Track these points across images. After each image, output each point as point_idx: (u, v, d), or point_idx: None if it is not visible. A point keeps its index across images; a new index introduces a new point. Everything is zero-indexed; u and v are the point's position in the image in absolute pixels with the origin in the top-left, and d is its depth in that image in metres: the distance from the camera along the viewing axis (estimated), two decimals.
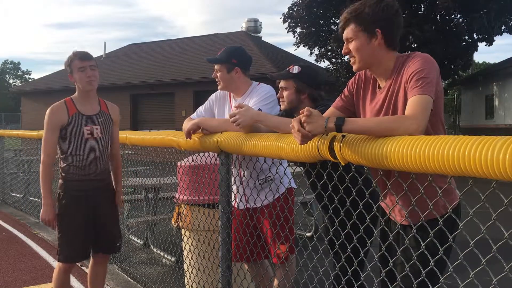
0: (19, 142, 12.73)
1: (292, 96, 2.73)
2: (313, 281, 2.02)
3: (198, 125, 2.72)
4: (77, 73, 3.12)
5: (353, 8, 1.98)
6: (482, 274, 1.29)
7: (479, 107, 19.56)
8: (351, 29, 1.97)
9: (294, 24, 18.95)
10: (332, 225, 2.63)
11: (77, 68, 3.11)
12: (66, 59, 3.19)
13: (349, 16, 1.97)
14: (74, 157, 3.15)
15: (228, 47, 3.09)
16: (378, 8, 1.94)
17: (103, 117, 3.26)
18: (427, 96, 1.75)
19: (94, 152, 3.19)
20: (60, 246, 3.18)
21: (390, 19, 1.97)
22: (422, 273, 1.52)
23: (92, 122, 3.19)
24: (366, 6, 1.95)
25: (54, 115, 3.14)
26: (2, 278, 4.49)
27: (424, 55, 1.90)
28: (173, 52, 22.85)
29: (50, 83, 23.99)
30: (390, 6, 1.96)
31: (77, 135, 3.14)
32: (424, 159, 1.31)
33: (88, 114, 3.20)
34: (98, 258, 3.35)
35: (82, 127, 3.15)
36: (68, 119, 3.13)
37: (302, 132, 1.71)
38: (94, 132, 3.19)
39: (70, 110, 3.15)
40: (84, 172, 3.17)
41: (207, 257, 3.25)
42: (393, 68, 1.96)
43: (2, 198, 8.94)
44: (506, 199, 1.15)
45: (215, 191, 2.78)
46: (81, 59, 3.13)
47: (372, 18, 1.93)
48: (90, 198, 3.17)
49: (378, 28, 1.94)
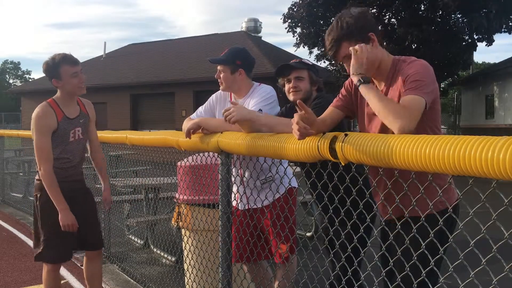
0: (19, 142, 12.75)
1: (308, 87, 2.77)
2: (313, 281, 2.02)
3: (198, 124, 2.72)
4: (69, 79, 3.07)
5: (335, 29, 1.96)
6: (482, 274, 1.29)
7: (479, 107, 19.56)
8: (347, 46, 1.95)
9: (294, 24, 18.96)
10: (332, 225, 2.63)
11: (69, 73, 3.06)
12: (49, 62, 3.07)
13: (337, 37, 1.95)
14: (59, 160, 3.12)
15: (233, 48, 3.07)
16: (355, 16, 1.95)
17: (83, 118, 3.26)
18: (420, 97, 1.76)
19: (77, 153, 3.21)
20: (46, 247, 3.13)
21: (371, 21, 1.99)
22: (422, 272, 1.52)
23: (75, 124, 3.18)
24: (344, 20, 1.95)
25: (43, 120, 3.05)
26: (2, 278, 4.49)
27: (421, 61, 1.92)
28: (173, 52, 22.84)
29: (50, 83, 23.91)
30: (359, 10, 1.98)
31: (63, 139, 3.12)
32: (425, 159, 1.31)
33: (72, 117, 3.18)
34: (90, 255, 3.39)
35: (69, 131, 3.14)
36: (58, 124, 3.08)
37: (300, 125, 1.75)
38: (76, 134, 3.18)
39: (58, 114, 3.10)
40: (66, 173, 3.16)
41: (207, 257, 3.25)
42: (389, 71, 1.97)
43: (2, 198, 8.93)
44: (506, 199, 1.15)
45: (215, 191, 2.78)
46: (73, 64, 3.07)
47: (359, 25, 1.93)
48: (72, 199, 3.14)
49: (369, 32, 1.95)
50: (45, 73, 3.13)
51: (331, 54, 2.02)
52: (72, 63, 3.07)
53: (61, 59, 3.06)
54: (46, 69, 3.10)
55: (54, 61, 3.06)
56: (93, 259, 3.40)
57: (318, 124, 1.91)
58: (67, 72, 3.05)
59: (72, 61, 3.08)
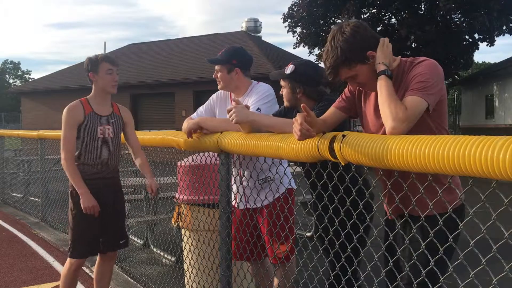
0: (19, 142, 12.74)
1: (289, 95, 2.77)
2: (313, 281, 2.02)
3: (199, 124, 2.72)
4: (104, 75, 3.28)
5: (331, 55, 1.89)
6: (482, 274, 1.29)
7: (479, 107, 19.57)
8: (346, 71, 1.92)
9: (294, 24, 18.97)
10: (332, 225, 2.63)
11: (105, 69, 3.27)
12: (92, 58, 3.31)
13: (335, 63, 1.90)
14: (87, 155, 3.27)
15: (229, 47, 3.10)
16: (350, 37, 1.87)
17: (115, 118, 3.41)
18: (421, 99, 1.74)
19: (106, 151, 3.32)
20: (73, 242, 3.27)
21: (366, 38, 1.90)
22: (422, 272, 1.52)
23: (105, 122, 3.34)
24: (338, 44, 1.87)
25: (71, 113, 3.26)
26: (2, 278, 4.49)
27: (431, 61, 1.88)
28: (173, 52, 22.84)
29: (50, 83, 23.98)
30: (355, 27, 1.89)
31: (91, 133, 3.27)
32: (424, 159, 1.31)
33: (102, 114, 3.35)
34: (105, 256, 3.44)
35: (96, 126, 3.30)
36: (84, 118, 3.27)
37: (303, 126, 1.75)
38: (106, 132, 3.33)
39: (86, 109, 3.30)
40: (95, 170, 3.30)
41: (207, 257, 3.25)
42: (397, 72, 1.94)
43: (2, 198, 8.94)
44: (506, 199, 1.15)
45: (215, 191, 2.78)
46: (112, 63, 3.31)
47: (355, 49, 1.88)
48: (101, 195, 3.26)
49: (367, 51, 1.90)
50: (86, 67, 3.33)
51: (331, 79, 1.97)
52: (111, 61, 3.31)
53: (103, 57, 3.33)
54: (88, 63, 3.31)
55: (97, 57, 3.31)
56: (106, 259, 3.45)
57: (319, 125, 1.91)
58: (104, 68, 3.27)
59: (112, 60, 3.33)
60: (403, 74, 1.92)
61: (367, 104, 2.09)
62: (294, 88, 2.73)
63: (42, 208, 7.16)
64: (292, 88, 2.73)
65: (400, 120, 1.69)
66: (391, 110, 1.72)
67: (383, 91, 1.81)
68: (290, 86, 2.73)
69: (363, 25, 1.94)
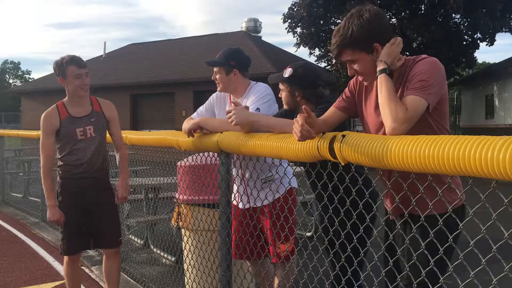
0: (19, 142, 12.73)
1: (288, 98, 2.78)
2: (313, 281, 2.02)
3: (199, 124, 2.73)
4: (73, 79, 3.23)
5: (341, 33, 1.90)
6: (482, 274, 1.29)
7: (479, 107, 19.56)
8: (349, 53, 1.92)
9: (294, 24, 18.95)
10: (332, 225, 2.63)
11: (73, 74, 3.22)
12: (58, 62, 3.25)
13: (341, 42, 1.90)
14: (70, 157, 3.30)
15: (226, 49, 3.11)
16: (364, 23, 1.86)
17: (96, 116, 3.37)
18: (421, 98, 1.74)
19: (88, 151, 3.32)
20: (62, 240, 3.39)
21: (379, 29, 1.89)
22: (422, 272, 1.52)
23: (84, 123, 3.31)
24: (352, 26, 1.87)
25: (47, 120, 3.28)
26: (2, 278, 4.49)
27: (431, 59, 1.87)
28: (173, 52, 22.83)
29: (50, 83, 23.96)
30: (373, 15, 1.87)
31: (70, 137, 3.27)
32: (424, 159, 1.31)
33: (80, 116, 3.32)
34: (106, 253, 3.51)
35: (74, 129, 3.28)
36: (60, 123, 3.27)
37: (304, 128, 1.75)
38: (87, 132, 3.31)
39: (61, 114, 3.29)
40: (79, 170, 3.31)
41: (207, 257, 3.25)
42: (400, 71, 1.94)
43: (2, 198, 8.93)
44: (506, 199, 1.15)
45: (215, 191, 2.78)
46: (79, 66, 3.23)
47: (365, 36, 1.86)
48: (87, 195, 3.31)
49: (374, 42, 1.89)
50: (54, 71, 3.31)
51: (333, 55, 2.00)
52: (77, 64, 3.23)
53: (69, 60, 3.23)
54: (55, 67, 3.28)
55: (62, 61, 3.24)
56: (110, 257, 3.49)
57: (319, 126, 1.91)
58: (72, 73, 3.21)
59: (79, 63, 3.24)
60: (405, 72, 1.91)
61: (367, 103, 2.09)
62: (293, 91, 2.73)
63: (42, 208, 7.15)
64: (291, 91, 2.74)
65: (400, 121, 1.69)
66: (391, 111, 1.72)
67: (383, 90, 1.80)
68: (289, 89, 2.74)
69: (381, 14, 1.92)
